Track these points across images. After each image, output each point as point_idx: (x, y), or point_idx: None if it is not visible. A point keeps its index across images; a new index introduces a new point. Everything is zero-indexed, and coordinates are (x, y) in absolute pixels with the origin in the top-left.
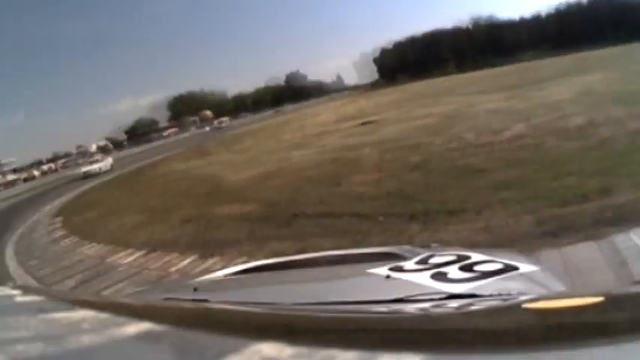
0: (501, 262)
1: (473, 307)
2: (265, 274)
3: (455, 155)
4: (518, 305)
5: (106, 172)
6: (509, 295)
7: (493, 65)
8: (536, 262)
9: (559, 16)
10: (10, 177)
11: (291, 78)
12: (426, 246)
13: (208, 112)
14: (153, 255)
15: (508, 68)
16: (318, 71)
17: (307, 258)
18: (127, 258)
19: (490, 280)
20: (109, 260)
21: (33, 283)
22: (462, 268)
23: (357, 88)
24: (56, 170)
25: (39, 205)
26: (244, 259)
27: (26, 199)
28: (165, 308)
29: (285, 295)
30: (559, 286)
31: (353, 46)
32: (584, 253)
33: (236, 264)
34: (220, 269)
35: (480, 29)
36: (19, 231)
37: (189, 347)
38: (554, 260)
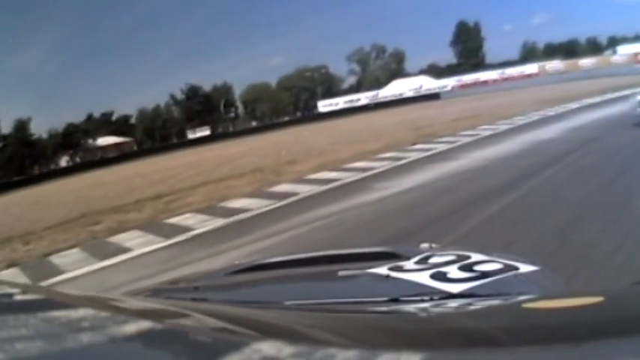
0: (501, 262)
1: (473, 307)
2: (265, 273)
3: None
4: (518, 305)
5: None
6: (509, 295)
7: None
8: (536, 263)
9: None
10: None
11: None
12: (426, 246)
13: None
14: None
15: None
16: None
17: (307, 257)
18: None
19: (490, 280)
20: None
21: None
22: (461, 268)
23: None
24: None
25: None
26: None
27: None
28: (165, 308)
29: (285, 294)
30: (559, 286)
31: None
32: None
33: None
34: None
35: None
36: None
37: (189, 347)
38: None
